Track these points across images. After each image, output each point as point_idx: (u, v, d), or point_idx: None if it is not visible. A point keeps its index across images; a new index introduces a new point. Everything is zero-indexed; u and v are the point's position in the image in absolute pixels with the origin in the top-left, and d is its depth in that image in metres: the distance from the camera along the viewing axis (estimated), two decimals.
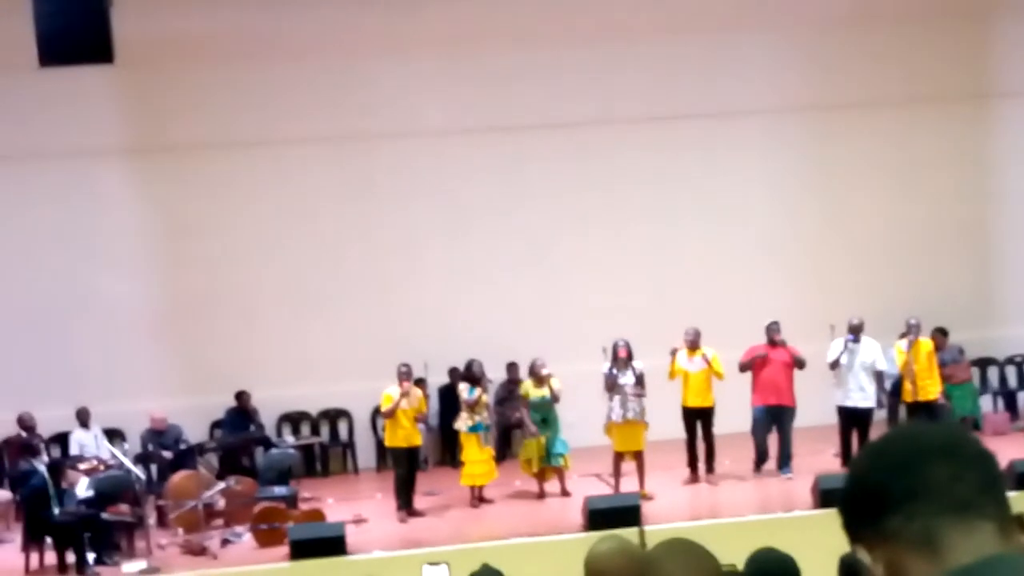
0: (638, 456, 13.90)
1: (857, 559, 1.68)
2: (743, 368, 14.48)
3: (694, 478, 14.60)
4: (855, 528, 1.69)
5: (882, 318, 15.23)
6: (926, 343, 14.80)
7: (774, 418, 14.45)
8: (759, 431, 14.53)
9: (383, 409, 14.08)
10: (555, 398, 14.13)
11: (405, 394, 13.87)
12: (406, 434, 14.00)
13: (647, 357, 14.24)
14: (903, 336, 14.75)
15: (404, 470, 14.03)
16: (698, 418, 14.47)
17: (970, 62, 17.88)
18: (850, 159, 17.77)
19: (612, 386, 13.87)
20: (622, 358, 13.91)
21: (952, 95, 17.77)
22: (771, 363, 14.40)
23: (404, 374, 13.97)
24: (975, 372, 17.18)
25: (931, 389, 14.60)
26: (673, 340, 14.50)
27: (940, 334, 15.89)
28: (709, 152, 17.59)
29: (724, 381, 14.37)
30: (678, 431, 14.56)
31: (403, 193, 17.29)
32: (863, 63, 17.60)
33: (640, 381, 13.91)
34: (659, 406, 14.39)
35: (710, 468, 14.64)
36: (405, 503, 13.95)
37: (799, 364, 14.39)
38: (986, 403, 17.12)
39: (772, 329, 14.53)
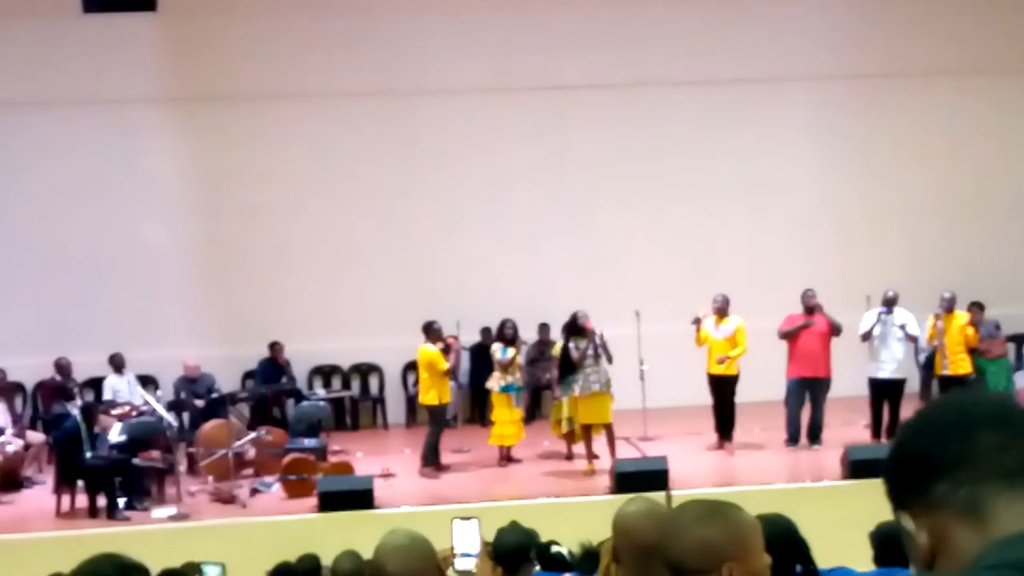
0: (607, 428, 13.50)
1: (901, 527, 1.66)
2: (784, 336, 14.30)
3: (722, 444, 14.57)
4: (900, 495, 1.67)
5: (924, 290, 15.10)
6: (960, 317, 14.67)
7: (808, 390, 14.30)
8: (792, 403, 14.35)
9: (445, 368, 13.75)
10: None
11: (452, 350, 13.94)
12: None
13: (684, 323, 14.24)
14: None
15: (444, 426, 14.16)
16: (721, 386, 14.38)
17: (1022, 33, 17.66)
18: (896, 128, 17.62)
19: (581, 359, 13.37)
20: (589, 329, 13.45)
21: (1002, 66, 17.56)
22: (807, 333, 14.18)
23: (440, 330, 13.97)
24: (1011, 347, 17.05)
25: (962, 364, 14.48)
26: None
27: (977, 308, 15.76)
28: (753, 118, 17.46)
29: (745, 354, 14.16)
30: (704, 397, 14.51)
31: (444, 151, 17.26)
32: (913, 31, 17.43)
33: (603, 350, 13.41)
34: (686, 372, 14.39)
35: (728, 436, 14.49)
36: (437, 459, 14.02)
37: (836, 331, 14.17)
38: (1021, 379, 16.98)
39: (808, 296, 14.31)
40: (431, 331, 13.92)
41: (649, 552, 3.21)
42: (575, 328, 13.56)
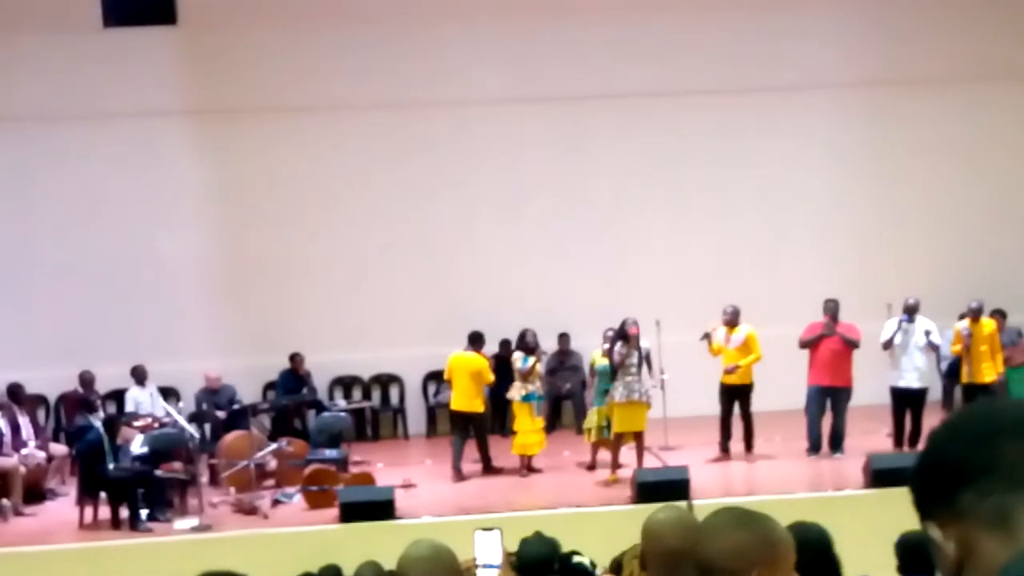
0: (638, 436, 13.58)
1: (927, 536, 1.64)
2: (804, 345, 14.26)
3: (724, 457, 14.45)
4: (927, 504, 1.65)
5: (943, 298, 15.04)
6: (989, 323, 14.58)
7: (829, 398, 14.24)
8: (812, 411, 14.29)
9: (491, 379, 14.28)
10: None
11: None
12: None
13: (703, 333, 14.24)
14: (963, 317, 14.57)
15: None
16: (735, 396, 14.31)
17: None
18: (915, 136, 17.57)
19: (622, 364, 13.43)
20: (634, 335, 13.50)
21: (1021, 74, 17.49)
22: (828, 341, 14.15)
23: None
24: None
25: (987, 372, 14.41)
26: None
27: (999, 316, 15.68)
28: (771, 127, 17.44)
29: (760, 360, 14.16)
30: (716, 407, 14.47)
31: (463, 161, 17.27)
32: (930, 38, 17.39)
33: (646, 361, 13.59)
34: (706, 382, 14.36)
35: (748, 447, 14.44)
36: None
37: (851, 345, 14.12)
38: None
39: (829, 307, 14.30)
40: (478, 341, 14.09)
41: (677, 559, 3.22)
42: (622, 334, 13.60)
